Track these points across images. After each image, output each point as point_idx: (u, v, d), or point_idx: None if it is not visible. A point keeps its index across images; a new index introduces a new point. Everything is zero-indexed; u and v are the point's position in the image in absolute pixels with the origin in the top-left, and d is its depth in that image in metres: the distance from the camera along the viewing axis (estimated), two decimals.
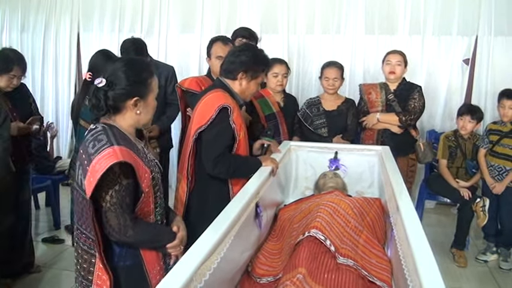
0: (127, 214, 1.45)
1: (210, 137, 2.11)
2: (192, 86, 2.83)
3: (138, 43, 3.15)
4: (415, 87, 3.36)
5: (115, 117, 1.54)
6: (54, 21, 5.09)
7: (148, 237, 1.55)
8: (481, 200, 3.24)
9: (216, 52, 2.81)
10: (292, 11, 4.55)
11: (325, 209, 2.08)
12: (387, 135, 3.31)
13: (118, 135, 1.48)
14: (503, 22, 4.15)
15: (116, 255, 1.54)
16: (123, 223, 1.44)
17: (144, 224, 1.54)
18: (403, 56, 3.32)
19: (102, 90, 1.50)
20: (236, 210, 1.65)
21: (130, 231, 1.45)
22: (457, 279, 3.09)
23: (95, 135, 1.47)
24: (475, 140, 3.48)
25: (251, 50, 2.28)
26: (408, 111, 3.27)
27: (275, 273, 1.95)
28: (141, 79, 1.54)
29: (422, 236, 1.43)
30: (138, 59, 1.75)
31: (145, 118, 1.59)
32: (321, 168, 2.94)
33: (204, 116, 2.12)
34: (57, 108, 5.20)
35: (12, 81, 2.69)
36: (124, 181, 1.44)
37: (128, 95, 1.51)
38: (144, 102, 1.55)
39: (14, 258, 2.84)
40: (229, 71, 2.23)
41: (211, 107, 2.11)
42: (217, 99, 2.13)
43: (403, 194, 1.91)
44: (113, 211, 1.43)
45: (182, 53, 4.81)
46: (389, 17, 4.37)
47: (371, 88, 3.41)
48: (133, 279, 1.56)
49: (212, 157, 2.10)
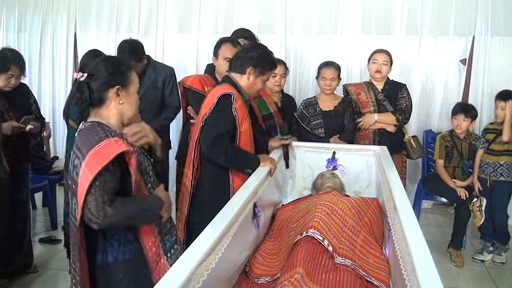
0: (106, 196, 1.41)
1: (211, 120, 2.20)
2: (195, 84, 2.85)
3: (134, 44, 3.14)
4: (401, 85, 3.41)
5: (100, 111, 1.57)
6: (51, 21, 5.07)
7: (131, 209, 1.51)
8: (478, 199, 3.26)
9: (224, 53, 2.82)
10: (290, 11, 4.55)
11: (323, 209, 2.08)
12: (383, 134, 3.34)
13: (107, 129, 1.51)
14: (500, 22, 4.17)
15: (114, 250, 1.54)
16: (101, 203, 1.40)
17: (121, 200, 1.48)
18: (389, 55, 3.34)
19: (84, 83, 1.54)
20: (234, 210, 1.65)
21: (109, 210, 1.41)
22: (454, 278, 3.10)
23: (87, 133, 1.49)
24: (471, 139, 3.50)
25: (262, 48, 2.38)
26: (402, 110, 3.30)
27: (273, 273, 1.95)
28: (120, 70, 1.59)
29: (420, 236, 1.44)
30: (117, 57, 1.86)
31: (129, 110, 1.61)
32: (318, 168, 2.95)
33: (208, 105, 2.23)
34: (54, 108, 5.18)
35: (10, 80, 2.68)
36: (110, 167, 1.43)
37: (109, 84, 1.55)
38: (126, 91, 1.59)
39: (12, 259, 2.83)
40: (238, 65, 2.32)
41: (214, 95, 2.23)
42: (222, 89, 2.23)
43: (401, 194, 1.92)
44: (93, 194, 1.40)
45: (179, 53, 4.81)
46: (386, 17, 4.38)
47: (359, 88, 3.42)
48: (134, 272, 1.55)
49: (210, 137, 2.16)
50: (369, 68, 3.42)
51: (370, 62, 3.38)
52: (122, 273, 1.55)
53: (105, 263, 1.54)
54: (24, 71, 2.77)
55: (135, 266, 1.56)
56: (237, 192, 1.90)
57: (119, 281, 1.55)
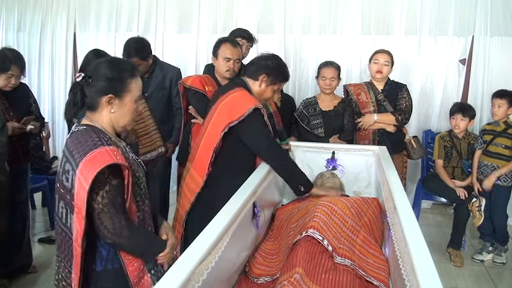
0: (121, 214, 1.42)
1: (251, 132, 2.26)
2: (196, 84, 2.84)
3: (141, 42, 3.11)
4: (401, 86, 3.41)
5: (93, 115, 1.52)
6: (51, 21, 5.07)
7: (141, 242, 1.52)
8: (477, 199, 3.26)
9: (224, 53, 2.82)
10: (289, 11, 4.56)
11: (322, 209, 2.08)
12: (382, 135, 3.34)
13: (102, 136, 1.46)
14: (499, 22, 4.17)
15: (103, 259, 1.50)
16: (119, 224, 1.41)
17: (139, 228, 1.52)
18: (390, 56, 3.34)
19: (79, 85, 1.48)
20: (234, 210, 1.65)
21: (126, 231, 1.42)
22: (454, 278, 3.10)
23: (80, 137, 1.45)
24: (469, 139, 3.50)
25: (277, 59, 2.44)
26: (402, 110, 3.30)
27: (272, 273, 1.95)
28: (119, 77, 1.49)
29: (419, 236, 1.44)
30: (123, 60, 1.72)
31: (122, 119, 1.54)
32: (318, 168, 2.94)
33: (234, 111, 2.22)
34: (53, 108, 5.18)
35: (10, 80, 2.68)
36: (114, 181, 1.42)
37: (102, 91, 1.47)
38: (120, 101, 1.50)
39: (11, 259, 2.83)
40: (252, 71, 2.38)
41: (242, 104, 2.23)
42: (249, 98, 2.27)
43: (400, 194, 1.92)
44: (106, 212, 1.40)
45: (179, 53, 4.81)
46: (386, 17, 4.39)
47: (359, 89, 3.42)
48: (123, 281, 1.51)
49: (264, 149, 2.30)
50: (369, 68, 3.41)
51: (371, 62, 3.38)
52: (110, 283, 1.51)
53: (95, 272, 1.50)
54: (24, 71, 2.77)
55: (124, 275, 1.51)
56: (236, 192, 1.90)
57: None
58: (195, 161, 2.36)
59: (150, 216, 1.64)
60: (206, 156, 2.26)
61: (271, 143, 2.33)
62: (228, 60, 2.81)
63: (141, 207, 1.56)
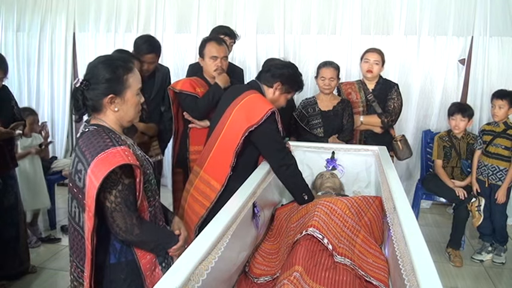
0: (132, 213, 1.48)
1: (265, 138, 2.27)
2: (186, 87, 2.81)
3: (154, 39, 3.10)
4: (392, 85, 3.40)
5: (99, 116, 1.56)
6: (50, 21, 5.06)
7: (154, 238, 1.56)
8: (477, 199, 3.26)
9: (210, 52, 2.82)
10: (288, 11, 4.55)
11: (322, 209, 2.08)
12: (369, 135, 3.36)
13: (113, 136, 1.49)
14: (498, 22, 4.17)
15: (117, 251, 1.55)
16: (130, 222, 1.47)
17: (150, 224, 1.58)
18: (381, 55, 3.33)
19: (79, 91, 1.51)
20: (234, 210, 1.66)
21: (137, 229, 1.47)
22: (453, 278, 3.11)
23: (91, 137, 1.48)
24: (468, 139, 3.51)
25: (293, 68, 2.46)
26: (389, 112, 3.31)
27: (272, 272, 1.96)
28: (116, 76, 1.51)
29: (419, 236, 1.44)
30: (116, 56, 1.76)
31: (126, 115, 1.58)
32: (317, 168, 2.95)
33: (252, 115, 2.21)
34: (53, 108, 5.16)
35: None
36: (126, 180, 1.46)
37: (102, 93, 1.51)
38: (121, 99, 1.54)
39: (7, 264, 2.81)
40: (267, 78, 2.40)
41: (260, 107, 2.23)
42: (266, 101, 2.29)
43: (400, 194, 1.92)
44: (119, 211, 1.45)
45: (178, 52, 4.80)
46: (385, 17, 4.38)
47: (350, 88, 3.42)
48: (135, 273, 1.57)
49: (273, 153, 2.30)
50: (360, 66, 3.42)
51: (362, 61, 3.39)
52: (123, 275, 1.56)
53: (108, 264, 1.55)
54: (6, 73, 2.68)
55: (137, 267, 1.57)
56: (236, 192, 1.91)
57: (121, 282, 1.56)
58: (207, 164, 2.32)
59: (161, 211, 1.70)
60: (224, 159, 2.23)
61: (282, 149, 2.32)
62: (215, 59, 2.80)
63: (152, 202, 1.61)
